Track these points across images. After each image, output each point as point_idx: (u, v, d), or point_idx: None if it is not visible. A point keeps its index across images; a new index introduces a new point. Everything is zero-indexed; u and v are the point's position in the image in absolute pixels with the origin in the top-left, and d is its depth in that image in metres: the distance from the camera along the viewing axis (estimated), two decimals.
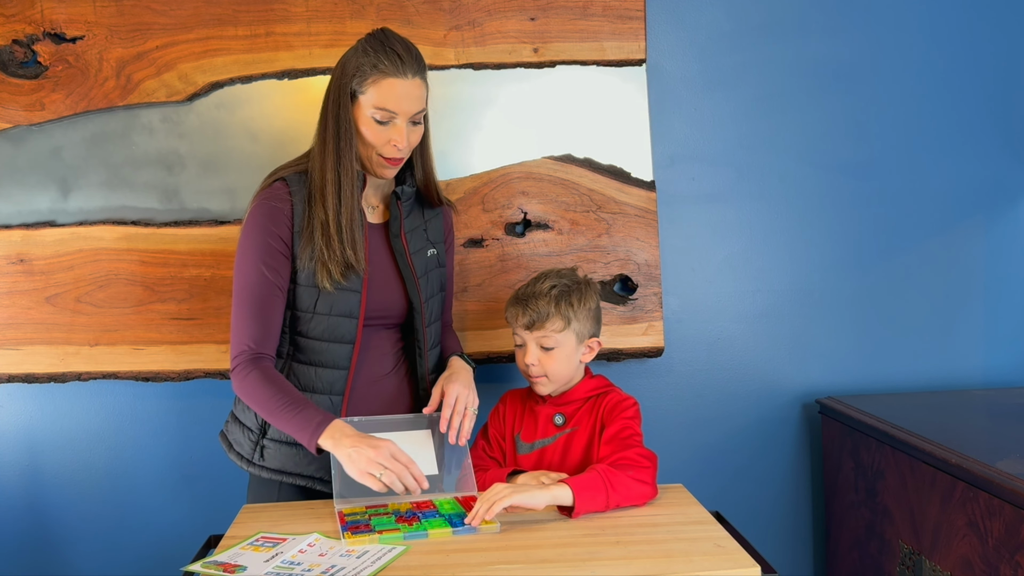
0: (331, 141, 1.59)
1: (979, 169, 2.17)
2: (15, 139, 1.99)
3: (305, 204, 1.61)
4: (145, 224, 2.01)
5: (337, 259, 1.58)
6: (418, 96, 1.58)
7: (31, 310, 2.00)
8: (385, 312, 1.67)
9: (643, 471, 1.52)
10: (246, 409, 1.69)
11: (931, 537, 1.71)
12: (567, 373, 1.68)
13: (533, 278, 1.73)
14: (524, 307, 1.66)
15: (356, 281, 1.61)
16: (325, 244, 1.57)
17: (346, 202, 1.58)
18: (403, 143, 1.57)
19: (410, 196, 1.70)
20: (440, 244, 1.77)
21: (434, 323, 1.73)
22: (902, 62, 2.14)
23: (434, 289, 1.74)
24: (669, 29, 2.11)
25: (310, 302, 1.61)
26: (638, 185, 2.06)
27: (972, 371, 2.20)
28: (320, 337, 1.63)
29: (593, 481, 1.48)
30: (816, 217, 2.16)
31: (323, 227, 1.58)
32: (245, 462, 1.68)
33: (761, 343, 2.18)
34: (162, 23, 1.98)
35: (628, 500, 1.49)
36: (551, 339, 1.65)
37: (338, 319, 1.62)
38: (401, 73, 1.55)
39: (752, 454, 2.20)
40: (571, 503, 1.45)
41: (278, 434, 1.65)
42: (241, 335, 1.59)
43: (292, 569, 1.29)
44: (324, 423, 1.51)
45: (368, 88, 1.56)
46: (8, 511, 2.11)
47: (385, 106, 1.55)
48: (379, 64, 1.55)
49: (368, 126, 1.57)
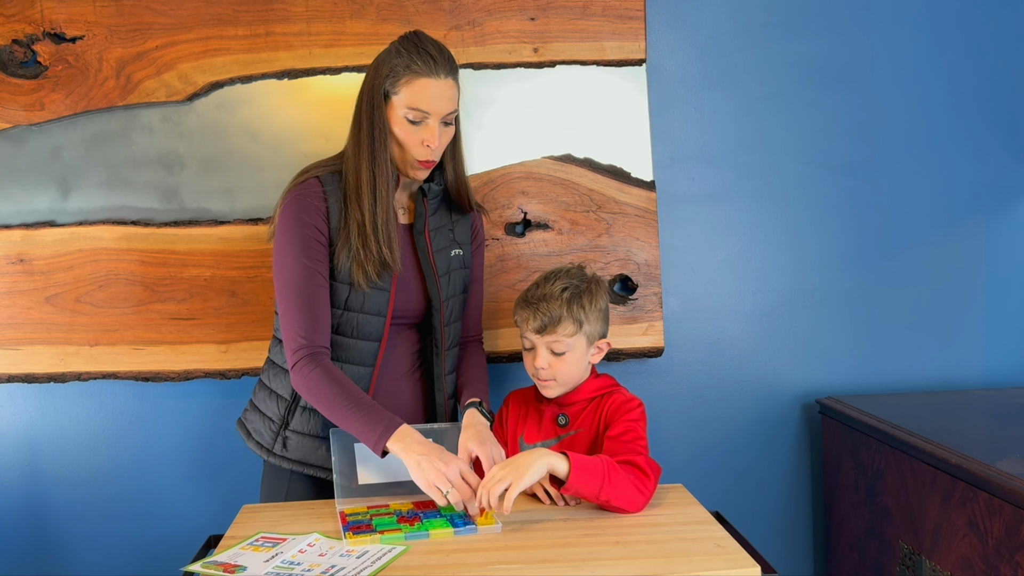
0: (365, 142, 1.60)
1: (979, 169, 2.17)
2: (15, 139, 1.99)
3: (341, 204, 1.62)
4: (145, 224, 2.01)
5: (374, 259, 1.59)
6: (450, 97, 1.60)
7: (31, 310, 1.99)
8: (408, 310, 1.69)
9: (645, 481, 1.50)
10: (268, 398, 1.71)
11: (931, 537, 1.71)
12: (577, 376, 1.66)
13: (541, 278, 1.68)
14: (535, 310, 1.61)
15: (387, 279, 1.63)
16: (362, 244, 1.59)
17: (381, 202, 1.60)
18: (435, 143, 1.59)
19: (437, 194, 1.71)
20: (467, 246, 1.78)
21: (453, 323, 1.74)
22: (902, 62, 2.14)
23: (456, 289, 1.74)
24: (669, 29, 2.11)
25: (342, 298, 1.63)
26: (638, 185, 2.06)
27: (972, 371, 2.20)
28: (349, 334, 1.64)
29: (594, 465, 1.46)
30: (816, 217, 2.16)
31: (359, 227, 1.60)
32: (264, 451, 1.70)
33: (761, 343, 2.18)
34: (162, 23, 1.98)
35: (620, 500, 1.47)
36: (562, 343, 1.61)
37: (368, 317, 1.63)
38: (434, 73, 1.57)
39: (752, 454, 2.20)
40: (566, 473, 1.43)
41: (301, 426, 1.67)
42: (293, 331, 1.60)
43: (292, 569, 1.29)
44: (392, 426, 1.51)
45: (401, 88, 1.58)
46: (8, 511, 2.11)
47: (418, 106, 1.57)
48: (412, 65, 1.57)
49: (401, 126, 1.59)
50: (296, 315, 1.60)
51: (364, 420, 1.52)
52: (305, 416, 1.68)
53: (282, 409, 1.69)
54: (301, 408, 1.68)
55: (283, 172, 1.96)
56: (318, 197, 1.62)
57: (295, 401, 1.68)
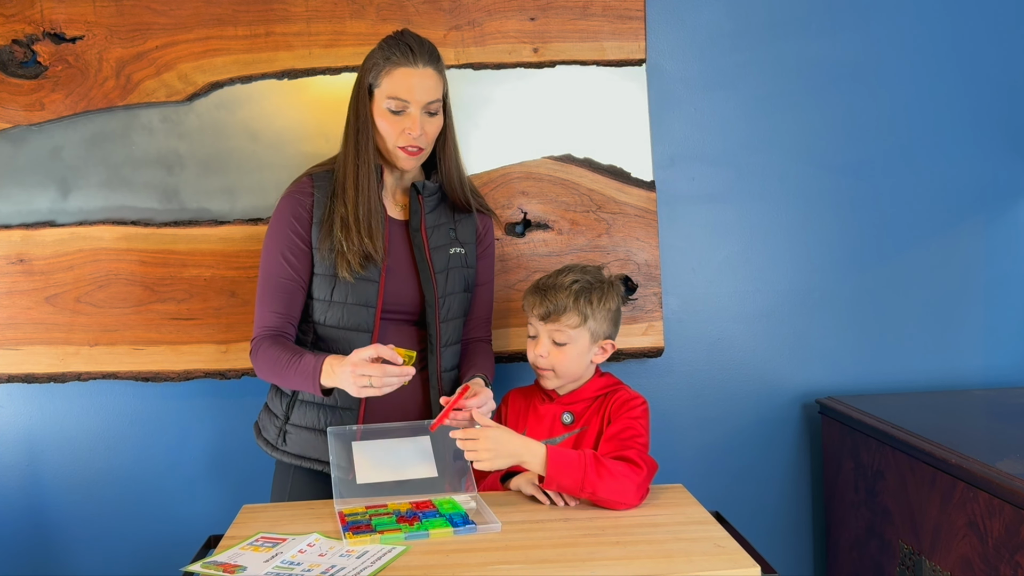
0: (351, 136, 1.66)
1: (979, 169, 2.17)
2: (15, 139, 1.99)
3: (328, 199, 1.67)
4: (145, 224, 2.01)
5: (355, 249, 1.63)
6: (430, 86, 1.63)
7: (31, 310, 1.99)
8: (401, 305, 1.70)
9: (635, 471, 1.50)
10: (275, 396, 1.75)
11: (931, 537, 1.70)
12: (576, 371, 1.67)
13: (557, 269, 1.71)
14: (542, 297, 1.65)
15: (374, 271, 1.66)
16: (344, 236, 1.63)
17: (363, 193, 1.64)
18: (416, 131, 1.62)
19: (433, 192, 1.73)
20: (470, 246, 1.78)
21: (451, 320, 1.74)
22: (902, 62, 2.14)
23: (455, 287, 1.75)
24: (669, 29, 2.11)
25: (327, 291, 1.67)
26: (638, 185, 2.06)
27: (972, 371, 2.20)
28: (337, 325, 1.67)
29: (573, 457, 1.48)
30: (816, 217, 2.16)
31: (343, 220, 1.64)
32: (270, 447, 1.74)
33: (761, 343, 2.18)
34: (162, 23, 1.98)
35: (607, 492, 1.47)
36: (564, 334, 1.64)
37: (355, 308, 1.66)
38: (411, 63, 1.61)
39: (752, 454, 2.20)
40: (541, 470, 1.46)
41: (299, 419, 1.70)
42: (260, 322, 1.68)
43: (292, 569, 1.29)
44: (319, 364, 1.56)
45: (383, 80, 1.63)
46: (8, 511, 2.11)
47: (397, 95, 1.61)
48: (392, 56, 1.62)
49: (383, 117, 1.63)
50: (266, 309, 1.67)
51: (300, 371, 1.58)
52: (303, 409, 1.70)
53: (284, 404, 1.73)
54: (300, 402, 1.70)
55: (283, 172, 1.97)
56: (306, 194, 1.68)
57: (295, 396, 1.71)
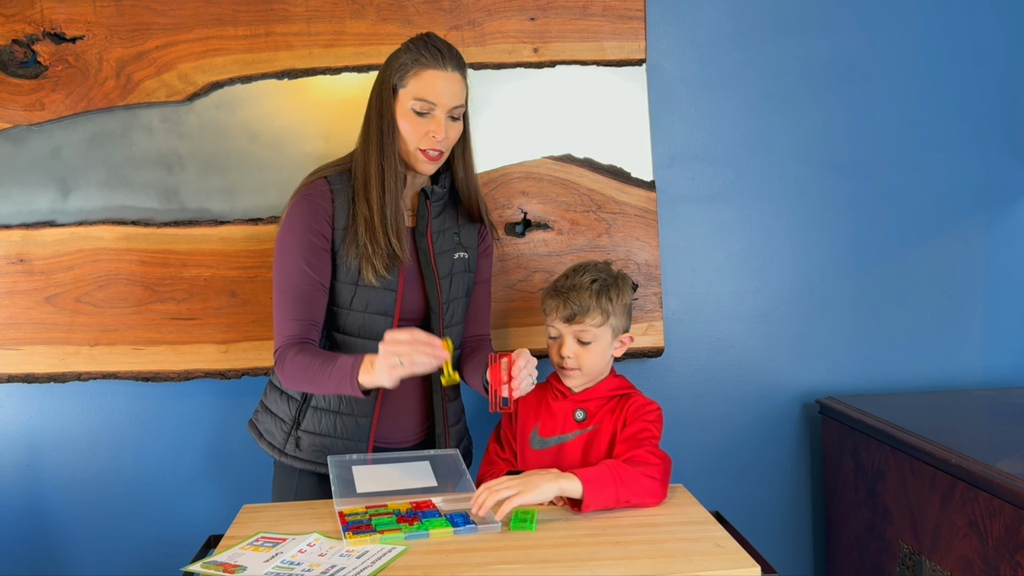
0: (374, 136, 1.63)
1: (980, 169, 2.17)
2: (15, 139, 1.99)
3: (349, 202, 1.64)
4: (145, 224, 2.01)
5: (382, 252, 1.61)
6: (457, 91, 1.62)
7: (31, 310, 1.99)
8: (409, 312, 1.69)
9: (653, 468, 1.52)
10: (279, 399, 1.72)
11: (931, 537, 1.70)
12: (600, 367, 1.69)
13: (570, 270, 1.72)
14: (565, 300, 1.65)
15: (393, 279, 1.64)
16: (369, 239, 1.61)
17: (390, 194, 1.61)
18: (441, 134, 1.61)
19: (441, 196, 1.71)
20: (472, 250, 1.78)
21: (454, 326, 1.74)
22: (902, 62, 2.14)
23: (459, 292, 1.74)
24: (669, 29, 2.11)
25: (347, 298, 1.64)
26: (638, 185, 2.06)
27: (972, 371, 2.20)
28: (356, 334, 1.66)
29: (602, 474, 1.47)
30: (816, 217, 2.16)
31: (367, 223, 1.61)
32: (276, 452, 1.71)
33: (761, 343, 2.18)
34: (162, 23, 1.98)
35: (638, 496, 1.48)
36: (589, 333, 1.65)
37: (373, 316, 1.64)
38: (441, 66, 1.60)
39: (752, 454, 2.20)
40: (580, 495, 1.45)
41: (313, 425, 1.68)
42: (283, 331, 1.62)
43: (292, 569, 1.29)
44: (357, 364, 1.51)
45: (409, 81, 1.60)
46: (8, 511, 2.11)
47: (424, 96, 1.60)
48: (420, 58, 1.60)
49: (407, 118, 1.61)
50: (290, 318, 1.62)
51: (335, 375, 1.53)
52: (316, 416, 1.68)
53: (293, 409, 1.70)
54: (312, 408, 1.69)
55: (283, 172, 1.97)
56: (325, 198, 1.64)
57: (306, 401, 1.69)
